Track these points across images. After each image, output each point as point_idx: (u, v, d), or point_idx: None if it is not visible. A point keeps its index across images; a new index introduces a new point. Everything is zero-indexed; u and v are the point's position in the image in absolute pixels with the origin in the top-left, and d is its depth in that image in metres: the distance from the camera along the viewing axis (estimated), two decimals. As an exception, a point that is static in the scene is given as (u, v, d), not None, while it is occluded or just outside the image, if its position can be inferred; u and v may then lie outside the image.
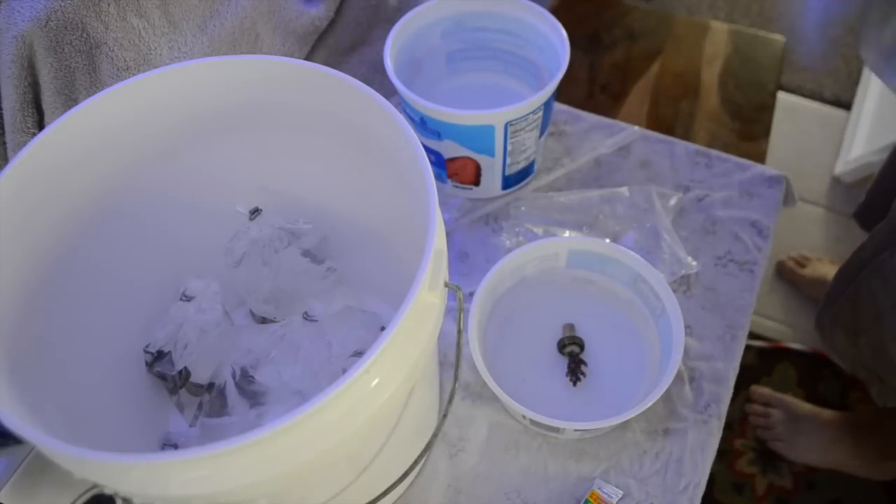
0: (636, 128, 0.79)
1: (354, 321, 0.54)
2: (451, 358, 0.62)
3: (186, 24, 0.67)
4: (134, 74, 0.50)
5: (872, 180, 1.05)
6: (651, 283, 0.60)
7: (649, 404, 0.54)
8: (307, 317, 0.54)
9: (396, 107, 0.45)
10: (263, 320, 0.61)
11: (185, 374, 0.55)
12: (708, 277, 0.68)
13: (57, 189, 0.46)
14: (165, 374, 0.55)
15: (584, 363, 0.62)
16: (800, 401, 1.14)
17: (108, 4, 0.61)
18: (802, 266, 1.32)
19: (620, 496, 0.56)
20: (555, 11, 0.71)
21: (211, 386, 0.56)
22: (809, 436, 1.09)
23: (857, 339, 0.82)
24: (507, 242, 0.71)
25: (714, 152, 0.77)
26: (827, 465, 1.09)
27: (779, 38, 1.18)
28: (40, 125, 0.64)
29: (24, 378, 0.39)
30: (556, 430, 0.56)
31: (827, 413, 1.10)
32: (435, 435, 0.47)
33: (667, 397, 0.61)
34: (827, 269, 1.29)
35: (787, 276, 1.33)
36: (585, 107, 0.82)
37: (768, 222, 0.72)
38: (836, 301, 0.84)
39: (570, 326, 0.63)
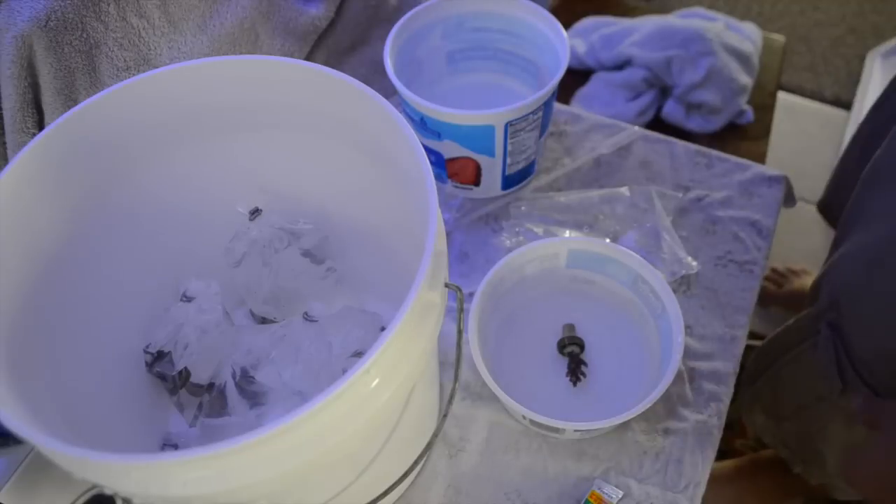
0: (636, 128, 0.79)
1: (354, 321, 0.54)
2: (452, 358, 0.62)
3: (186, 24, 0.67)
4: (134, 74, 0.50)
5: (832, 174, 1.02)
6: (651, 283, 0.60)
7: (649, 404, 0.54)
8: (307, 317, 0.54)
9: (396, 107, 0.45)
10: (263, 320, 0.61)
11: (185, 375, 0.55)
12: (708, 277, 0.68)
13: (57, 189, 0.46)
14: (165, 374, 0.55)
15: (584, 363, 0.62)
16: None
17: (108, 4, 0.61)
18: (780, 286, 1.28)
19: (620, 496, 0.56)
20: (555, 11, 0.71)
21: (211, 386, 0.56)
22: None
23: (780, 423, 0.79)
24: (507, 242, 0.71)
25: (714, 152, 0.77)
26: None
27: (779, 38, 1.18)
28: (40, 125, 0.64)
29: (24, 378, 0.39)
30: (556, 430, 0.56)
31: (717, 469, 1.03)
32: (435, 435, 0.47)
33: (667, 397, 0.61)
34: (804, 282, 1.26)
35: (766, 301, 1.26)
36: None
37: (768, 222, 0.72)
38: (755, 379, 0.81)
39: (570, 326, 0.63)
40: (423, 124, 0.67)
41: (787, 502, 1.03)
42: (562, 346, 0.63)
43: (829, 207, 0.99)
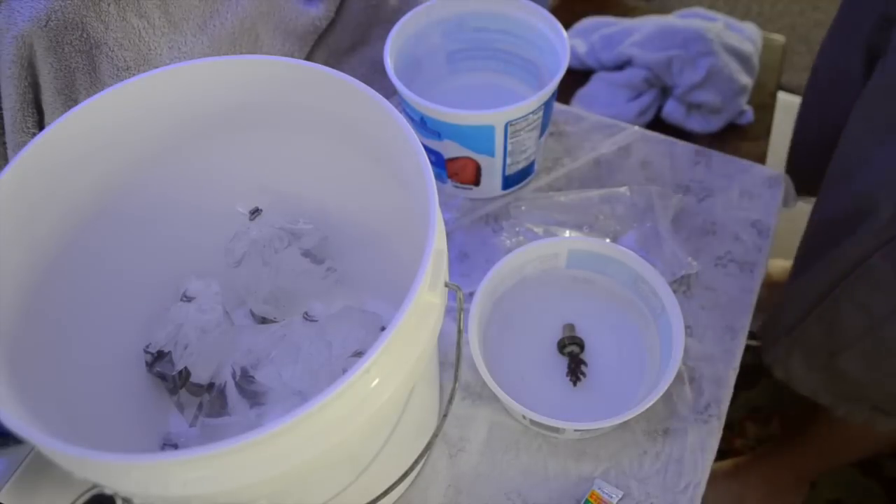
0: (636, 128, 0.79)
1: (354, 321, 0.54)
2: (451, 358, 0.62)
3: (186, 24, 0.67)
4: (134, 74, 0.50)
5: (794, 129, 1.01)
6: (651, 283, 0.60)
7: (649, 404, 0.54)
8: (307, 317, 0.54)
9: (396, 107, 0.45)
10: (263, 320, 0.61)
11: (185, 374, 0.55)
12: (708, 277, 0.68)
13: (57, 189, 0.46)
14: (165, 374, 0.55)
15: (584, 363, 0.62)
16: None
17: (108, 4, 0.61)
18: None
19: (620, 496, 0.56)
20: (555, 11, 0.71)
21: (211, 386, 0.56)
22: (718, 502, 1.05)
23: (834, 358, 0.79)
24: (507, 242, 0.71)
25: (714, 152, 0.77)
26: None
27: (779, 38, 1.18)
28: (40, 125, 0.64)
29: (24, 378, 0.39)
30: (556, 430, 0.56)
31: (720, 468, 1.04)
32: (435, 435, 0.47)
33: (667, 397, 0.61)
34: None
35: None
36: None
37: (768, 222, 0.72)
38: (794, 328, 0.81)
39: (570, 326, 0.63)
40: (423, 124, 0.67)
41: (793, 491, 1.02)
42: (562, 346, 0.63)
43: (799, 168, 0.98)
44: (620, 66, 1.08)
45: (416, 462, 0.48)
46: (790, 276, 0.86)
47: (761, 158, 1.02)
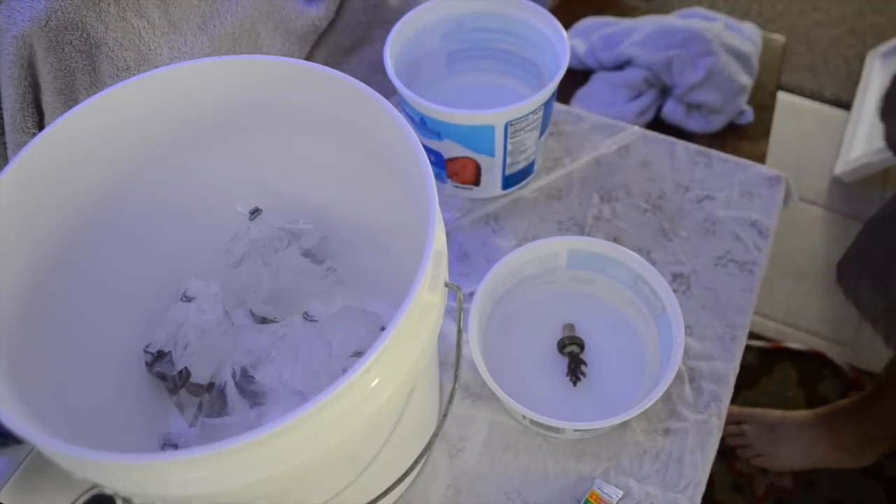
0: (636, 128, 0.79)
1: (354, 321, 0.54)
2: (451, 358, 0.62)
3: (186, 24, 0.67)
4: (134, 74, 0.50)
5: (854, 242, 0.99)
6: (651, 283, 0.60)
7: (649, 404, 0.54)
8: (307, 317, 0.54)
9: (396, 107, 0.45)
10: (263, 320, 0.61)
11: (185, 374, 0.55)
12: (708, 277, 0.68)
13: (57, 189, 0.46)
14: (165, 374, 0.55)
15: (584, 363, 0.62)
16: (767, 410, 1.12)
17: (108, 4, 0.61)
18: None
19: (620, 496, 0.56)
20: (555, 11, 0.71)
21: (211, 386, 0.56)
22: (788, 443, 1.07)
23: (891, 281, 0.80)
24: (507, 243, 0.71)
25: (714, 152, 0.77)
26: (810, 465, 1.08)
27: (779, 38, 1.18)
28: (40, 125, 0.64)
29: (24, 378, 0.39)
30: (556, 430, 0.56)
31: (797, 415, 1.08)
32: (435, 435, 0.47)
33: (667, 397, 0.61)
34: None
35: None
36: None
37: (768, 222, 0.72)
38: (864, 250, 0.82)
39: (570, 326, 0.63)
40: (423, 124, 0.67)
41: (857, 451, 1.05)
42: (562, 346, 0.63)
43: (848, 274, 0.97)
44: (620, 66, 1.08)
45: (416, 462, 0.48)
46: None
47: (761, 158, 1.02)
